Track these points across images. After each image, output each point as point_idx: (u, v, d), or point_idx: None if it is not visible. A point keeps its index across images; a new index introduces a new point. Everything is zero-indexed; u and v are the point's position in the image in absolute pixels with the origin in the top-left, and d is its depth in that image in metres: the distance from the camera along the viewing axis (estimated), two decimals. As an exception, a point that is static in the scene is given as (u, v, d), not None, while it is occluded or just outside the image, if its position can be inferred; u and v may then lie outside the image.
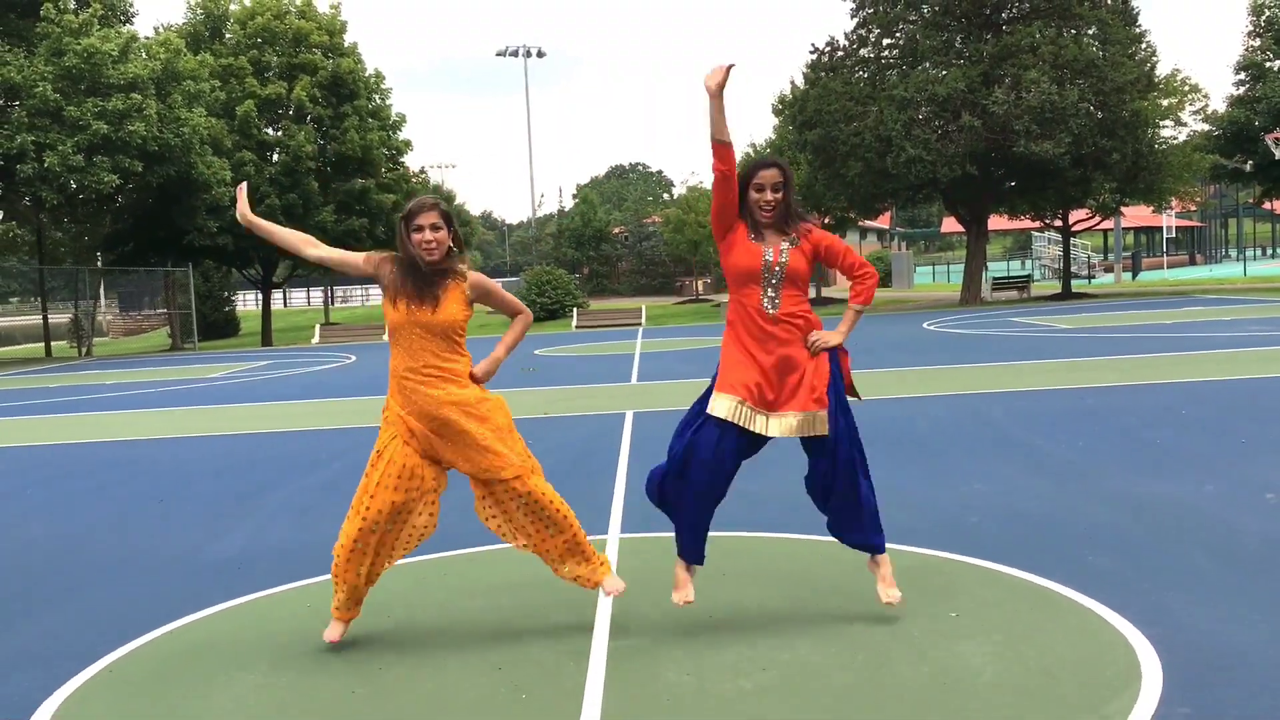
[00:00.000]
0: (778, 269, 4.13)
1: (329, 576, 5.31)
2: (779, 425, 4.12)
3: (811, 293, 40.88)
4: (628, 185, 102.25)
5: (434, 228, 4.12)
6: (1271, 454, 7.10)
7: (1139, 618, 4.10)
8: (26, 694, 3.93)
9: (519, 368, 17.33)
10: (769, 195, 4.11)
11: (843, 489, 4.14)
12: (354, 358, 23.82)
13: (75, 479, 8.78)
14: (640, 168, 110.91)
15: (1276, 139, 21.28)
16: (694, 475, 4.12)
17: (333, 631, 4.29)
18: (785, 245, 4.15)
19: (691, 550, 4.28)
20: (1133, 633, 3.96)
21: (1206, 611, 4.16)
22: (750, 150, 41.27)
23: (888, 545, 4.38)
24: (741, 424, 4.08)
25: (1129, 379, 11.59)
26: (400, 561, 5.42)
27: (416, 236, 4.12)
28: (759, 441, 4.20)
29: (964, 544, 5.28)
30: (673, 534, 4.32)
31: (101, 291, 35.25)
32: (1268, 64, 29.28)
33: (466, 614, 4.63)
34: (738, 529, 5.68)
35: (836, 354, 4.23)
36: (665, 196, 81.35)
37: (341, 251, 4.42)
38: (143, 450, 10.33)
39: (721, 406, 4.09)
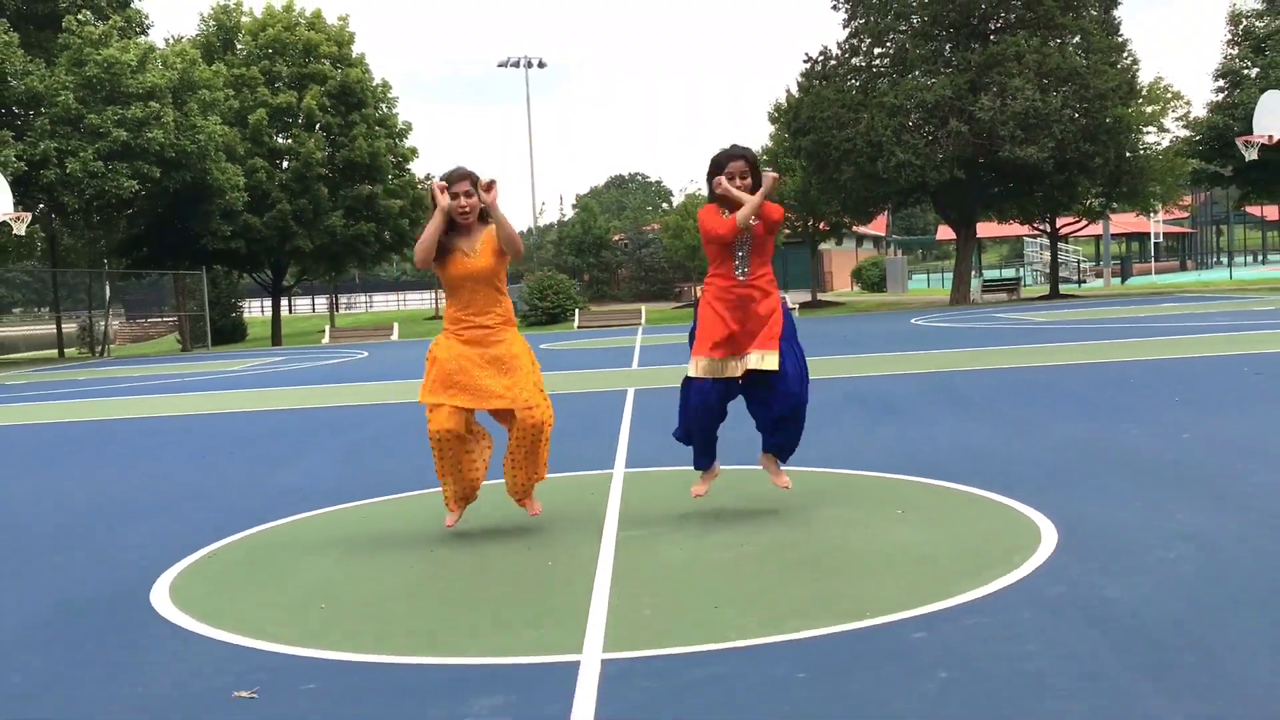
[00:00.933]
0: (745, 237, 5.07)
1: (377, 499, 6.29)
2: (742, 365, 5.06)
3: (806, 296, 41.87)
4: (627, 194, 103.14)
5: (467, 194, 5.03)
6: (1198, 409, 8.04)
7: (1050, 510, 5.04)
8: (144, 570, 4.85)
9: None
10: (738, 182, 5.03)
11: (783, 413, 5.10)
12: (366, 354, 24.76)
13: (135, 440, 9.73)
14: (639, 178, 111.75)
15: (1247, 141, 22.28)
16: (695, 418, 5.17)
17: (450, 519, 5.17)
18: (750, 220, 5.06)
19: (704, 463, 5.31)
20: (1042, 520, 4.89)
21: (1106, 506, 5.09)
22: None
23: (852, 471, 5.34)
24: (714, 376, 5.03)
25: (1089, 358, 12.55)
26: None
27: (454, 205, 5.03)
28: (734, 386, 5.15)
29: (917, 470, 6.22)
30: (665, 468, 5.27)
31: (106, 300, 36.03)
32: (1245, 71, 30.33)
33: (505, 517, 5.55)
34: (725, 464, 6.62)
35: (789, 312, 5.18)
36: (665, 206, 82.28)
37: (433, 234, 5.03)
38: (190, 422, 11.27)
39: (699, 367, 5.06)
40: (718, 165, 5.08)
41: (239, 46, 35.91)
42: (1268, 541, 4.35)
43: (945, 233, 60.37)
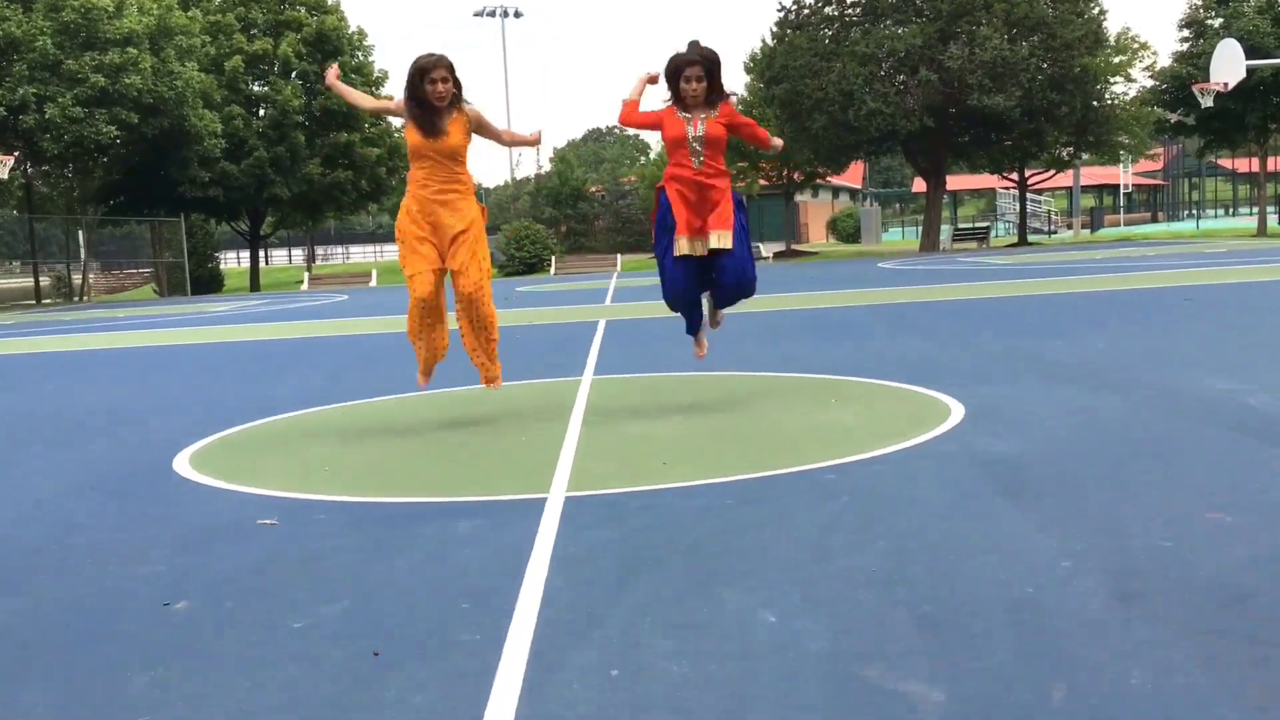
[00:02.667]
0: (699, 136, 5.57)
1: (367, 400, 6.90)
2: (708, 243, 5.60)
3: (781, 245, 42.49)
4: (604, 148, 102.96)
5: (443, 80, 5.50)
6: (1121, 327, 8.75)
7: (963, 397, 5.72)
8: (162, 450, 5.46)
9: (500, 298, 18.80)
10: (694, 85, 5.50)
11: (732, 282, 5.67)
12: (346, 296, 25.24)
13: (129, 364, 10.28)
14: (616, 131, 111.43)
15: (1203, 88, 22.95)
16: (678, 293, 5.68)
17: (420, 379, 5.80)
18: (703, 118, 5.55)
19: (693, 326, 5.91)
20: (955, 404, 5.57)
21: (1011, 394, 5.78)
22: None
23: (798, 375, 5.99)
24: (693, 252, 5.59)
25: (1032, 291, 13.26)
26: (443, 390, 6.90)
27: (429, 87, 5.47)
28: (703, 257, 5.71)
29: (856, 374, 6.89)
30: (631, 374, 5.91)
31: (83, 249, 36.06)
32: (1209, 21, 30.91)
33: (483, 414, 6.20)
34: (687, 370, 7.28)
35: (741, 200, 5.75)
36: (642, 160, 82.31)
37: (382, 101, 5.91)
38: (178, 351, 11.82)
39: (681, 247, 5.59)
40: (676, 69, 5.52)
41: (214, -7, 35.87)
42: (1140, 415, 5.05)
43: (922, 185, 60.98)
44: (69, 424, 6.70)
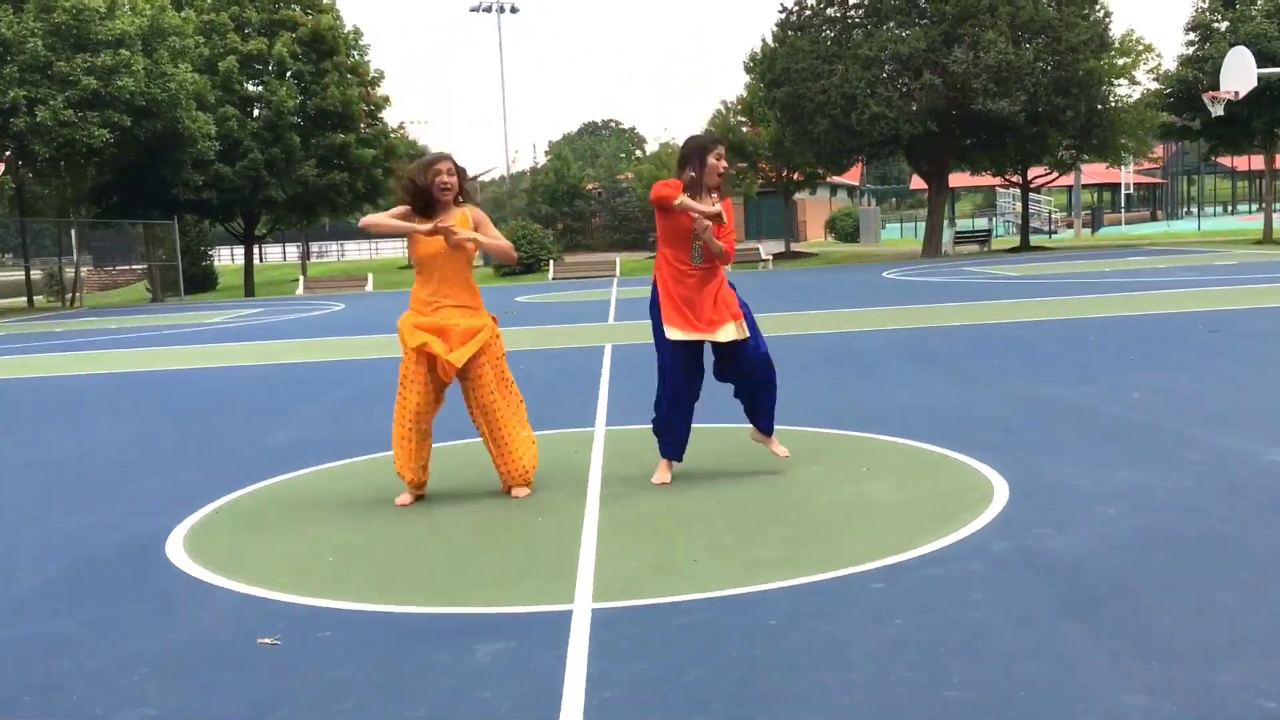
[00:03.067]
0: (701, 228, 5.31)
1: (368, 456, 6.58)
2: (718, 335, 5.36)
3: (780, 247, 42.12)
4: (600, 141, 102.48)
5: (449, 173, 5.30)
6: (1150, 368, 8.45)
7: (1004, 468, 5.40)
8: (155, 528, 5.14)
9: (502, 311, 18.46)
10: (724, 164, 5.33)
11: (757, 386, 5.49)
12: (342, 305, 24.88)
13: (120, 399, 9.95)
14: (613, 124, 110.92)
15: (1214, 97, 22.65)
16: (679, 385, 5.45)
17: (403, 498, 5.42)
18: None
19: (670, 452, 5.56)
20: (996, 476, 5.26)
21: (1055, 464, 5.47)
22: (721, 107, 42.22)
23: (818, 430, 5.68)
24: (691, 338, 5.33)
25: (1052, 315, 12.96)
26: (452, 443, 6.60)
27: (437, 180, 5.28)
28: (702, 356, 5.47)
29: (883, 428, 6.57)
30: (643, 426, 5.64)
31: (75, 249, 35.55)
32: (1215, 24, 30.56)
33: (495, 479, 5.87)
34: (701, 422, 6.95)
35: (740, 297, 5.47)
36: (638, 154, 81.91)
37: (397, 222, 5.36)
38: (173, 378, 11.48)
39: (675, 333, 5.36)
40: (702, 149, 5.30)
41: (207, -8, 35.35)
42: (1197, 499, 4.74)
43: (919, 181, 60.63)
44: (48, 485, 6.33)
